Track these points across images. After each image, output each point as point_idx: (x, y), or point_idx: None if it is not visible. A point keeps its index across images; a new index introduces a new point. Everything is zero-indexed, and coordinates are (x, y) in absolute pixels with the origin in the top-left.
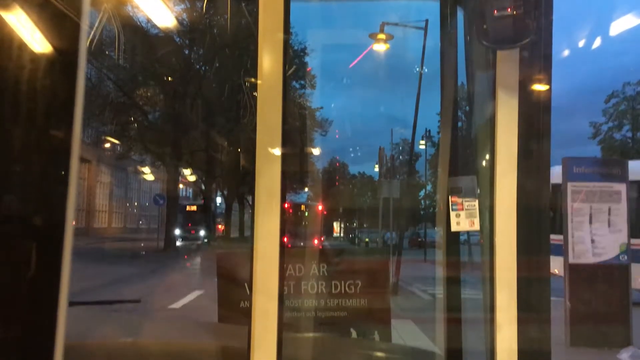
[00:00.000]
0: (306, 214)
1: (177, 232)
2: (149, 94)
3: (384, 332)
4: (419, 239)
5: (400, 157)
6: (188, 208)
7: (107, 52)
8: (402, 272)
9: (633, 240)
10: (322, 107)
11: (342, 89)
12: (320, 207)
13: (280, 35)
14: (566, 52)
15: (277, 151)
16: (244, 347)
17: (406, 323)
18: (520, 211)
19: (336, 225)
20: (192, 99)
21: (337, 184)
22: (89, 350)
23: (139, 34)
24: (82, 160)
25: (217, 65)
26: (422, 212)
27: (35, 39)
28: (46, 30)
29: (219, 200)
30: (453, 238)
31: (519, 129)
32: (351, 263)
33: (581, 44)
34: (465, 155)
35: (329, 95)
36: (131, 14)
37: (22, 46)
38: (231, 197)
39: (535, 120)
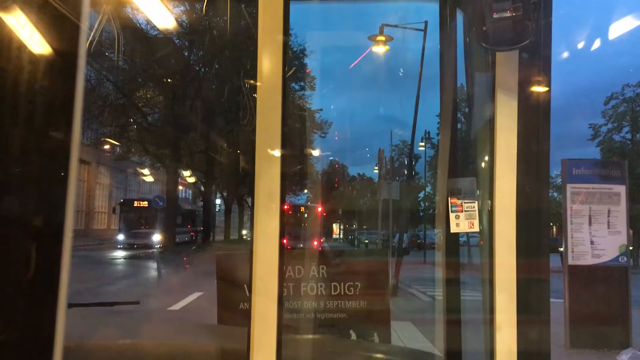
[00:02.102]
0: (305, 215)
1: (121, 237)
2: (148, 95)
3: (384, 334)
4: (419, 241)
5: (400, 158)
6: (136, 204)
7: (106, 54)
8: (402, 273)
9: None
10: (321, 109)
11: (342, 90)
12: (319, 209)
13: (279, 37)
14: (565, 54)
15: (277, 152)
16: (244, 348)
17: (406, 325)
18: (519, 212)
19: (335, 227)
20: (191, 100)
21: (336, 185)
22: (88, 351)
23: (138, 35)
24: (82, 161)
25: (217, 66)
26: (421, 214)
27: (35, 40)
28: (46, 31)
29: (218, 201)
30: (452, 239)
31: (519, 130)
32: (350, 265)
33: (580, 45)
34: (464, 156)
35: (328, 96)
36: (131, 15)
37: (22, 47)
38: (230, 198)
39: (534, 121)
